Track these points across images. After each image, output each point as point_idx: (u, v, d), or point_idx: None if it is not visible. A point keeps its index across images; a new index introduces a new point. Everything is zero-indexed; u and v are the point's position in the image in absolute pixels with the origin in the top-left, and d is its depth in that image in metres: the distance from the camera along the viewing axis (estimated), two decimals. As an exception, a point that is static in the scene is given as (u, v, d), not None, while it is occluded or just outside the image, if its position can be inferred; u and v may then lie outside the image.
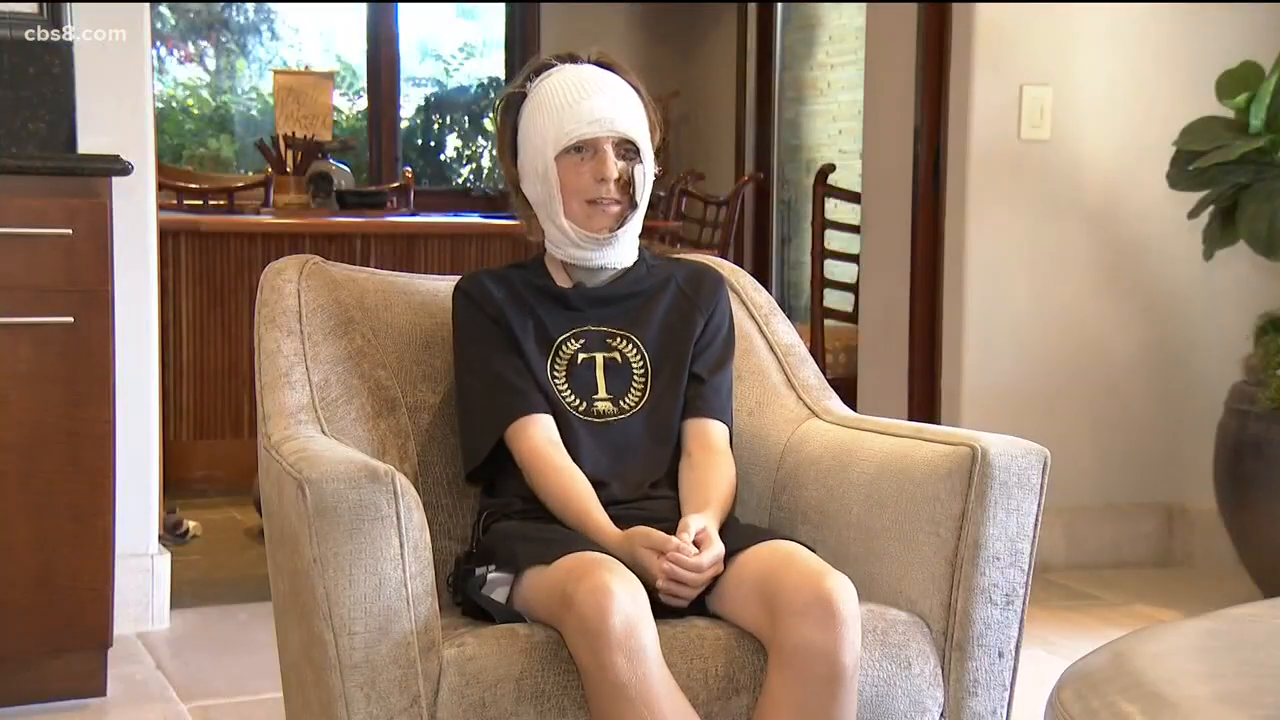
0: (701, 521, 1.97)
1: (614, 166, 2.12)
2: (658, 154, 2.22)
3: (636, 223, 2.18)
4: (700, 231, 6.31)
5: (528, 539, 2.01)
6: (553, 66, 2.18)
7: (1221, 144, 3.66)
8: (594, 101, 2.13)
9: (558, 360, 2.17)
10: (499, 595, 2.00)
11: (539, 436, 2.10)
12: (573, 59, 2.19)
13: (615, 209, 2.14)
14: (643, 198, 2.16)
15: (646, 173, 2.16)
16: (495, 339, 2.16)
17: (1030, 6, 4.08)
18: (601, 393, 2.17)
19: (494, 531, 2.09)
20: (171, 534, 4.27)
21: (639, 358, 2.20)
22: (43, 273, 2.88)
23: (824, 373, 2.55)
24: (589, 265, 2.20)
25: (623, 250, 2.20)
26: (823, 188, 5.07)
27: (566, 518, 2.05)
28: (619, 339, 2.21)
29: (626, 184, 2.13)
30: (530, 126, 2.17)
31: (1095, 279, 4.22)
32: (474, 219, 5.48)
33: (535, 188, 2.18)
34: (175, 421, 4.50)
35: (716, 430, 2.20)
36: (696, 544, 1.93)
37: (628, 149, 2.15)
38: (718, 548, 1.94)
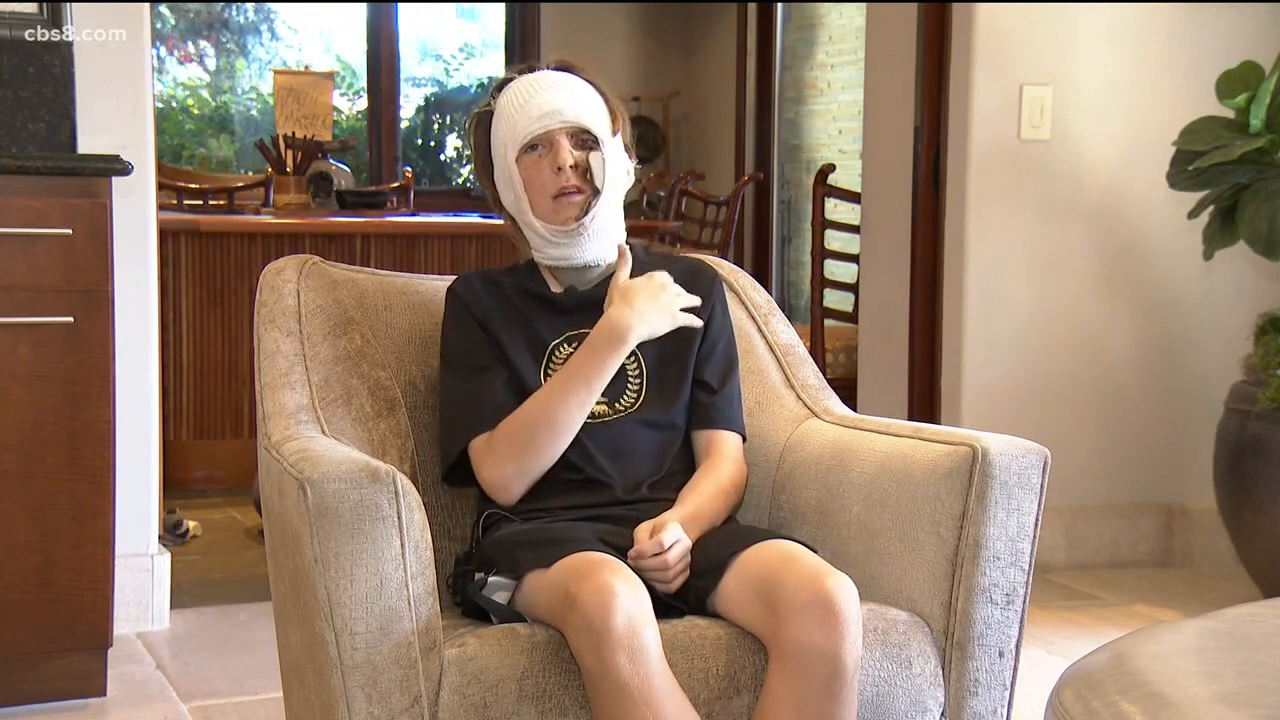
0: (651, 525, 2.00)
1: (569, 154, 2.14)
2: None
3: (608, 213, 2.18)
4: (700, 231, 6.31)
5: (528, 544, 2.01)
6: (511, 80, 2.21)
7: (1221, 144, 3.66)
8: (543, 98, 2.16)
9: (551, 365, 2.18)
10: (499, 599, 2.00)
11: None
12: (530, 69, 2.22)
13: (579, 198, 2.15)
14: (605, 184, 2.16)
15: (606, 159, 2.16)
16: (480, 345, 2.17)
17: (1030, 6, 4.08)
18: (598, 395, 2.17)
19: (494, 539, 2.08)
20: (171, 534, 4.27)
21: (633, 360, 2.20)
22: (43, 273, 2.88)
23: (824, 373, 2.55)
24: (572, 264, 2.20)
25: (598, 243, 2.19)
26: (823, 188, 5.07)
27: (548, 399, 2.08)
28: (612, 343, 2.20)
29: (585, 171, 2.15)
30: (495, 138, 2.20)
31: (1095, 279, 4.22)
32: (474, 219, 5.47)
33: (508, 196, 2.20)
34: (175, 421, 4.50)
35: (730, 441, 2.21)
36: (652, 533, 1.96)
37: (584, 138, 2.17)
38: (670, 534, 1.95)
